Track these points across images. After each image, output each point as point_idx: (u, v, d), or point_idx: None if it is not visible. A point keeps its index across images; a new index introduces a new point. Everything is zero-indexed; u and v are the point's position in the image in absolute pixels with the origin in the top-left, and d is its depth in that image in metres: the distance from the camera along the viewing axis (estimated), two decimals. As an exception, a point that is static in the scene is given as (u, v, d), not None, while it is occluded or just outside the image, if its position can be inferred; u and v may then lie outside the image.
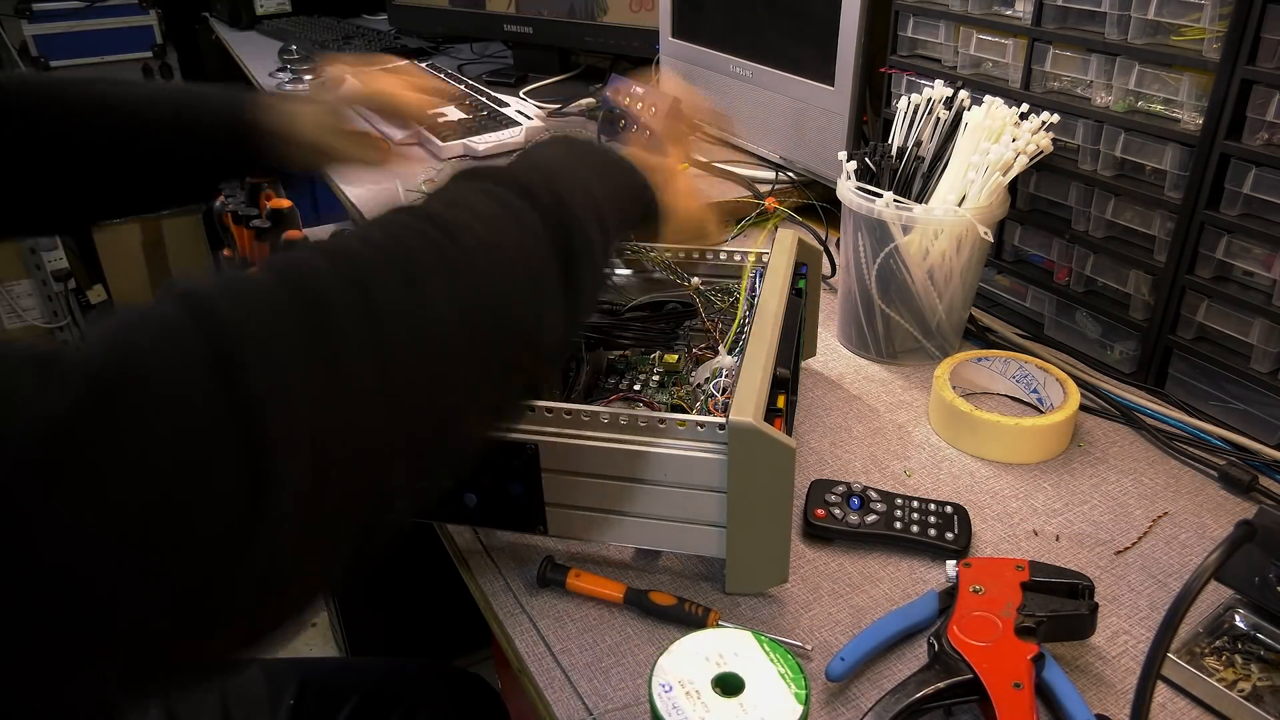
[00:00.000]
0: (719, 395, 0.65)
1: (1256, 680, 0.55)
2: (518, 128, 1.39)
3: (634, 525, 0.62)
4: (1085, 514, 0.71)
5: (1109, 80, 0.81)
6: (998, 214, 0.83)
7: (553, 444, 0.60)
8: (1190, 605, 0.42)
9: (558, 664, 0.59)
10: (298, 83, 1.76)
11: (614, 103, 0.94)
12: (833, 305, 0.98)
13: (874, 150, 0.90)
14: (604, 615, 0.63)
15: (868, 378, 0.89)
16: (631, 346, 0.74)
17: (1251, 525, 0.46)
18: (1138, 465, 0.76)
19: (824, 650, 0.59)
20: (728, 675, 0.49)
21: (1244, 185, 0.72)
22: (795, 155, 1.19)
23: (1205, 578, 0.43)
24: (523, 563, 0.67)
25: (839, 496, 0.69)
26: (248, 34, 2.29)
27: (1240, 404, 0.77)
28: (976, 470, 0.76)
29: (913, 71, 0.99)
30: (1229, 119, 0.72)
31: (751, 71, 1.22)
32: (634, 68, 1.61)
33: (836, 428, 0.81)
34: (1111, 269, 0.85)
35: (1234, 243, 0.74)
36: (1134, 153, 0.80)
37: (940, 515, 0.68)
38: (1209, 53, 0.73)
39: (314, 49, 1.94)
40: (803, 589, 0.64)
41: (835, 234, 1.05)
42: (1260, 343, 0.74)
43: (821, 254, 0.86)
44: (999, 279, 0.98)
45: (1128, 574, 0.65)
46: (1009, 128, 0.82)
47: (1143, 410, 0.81)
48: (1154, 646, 0.41)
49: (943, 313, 0.86)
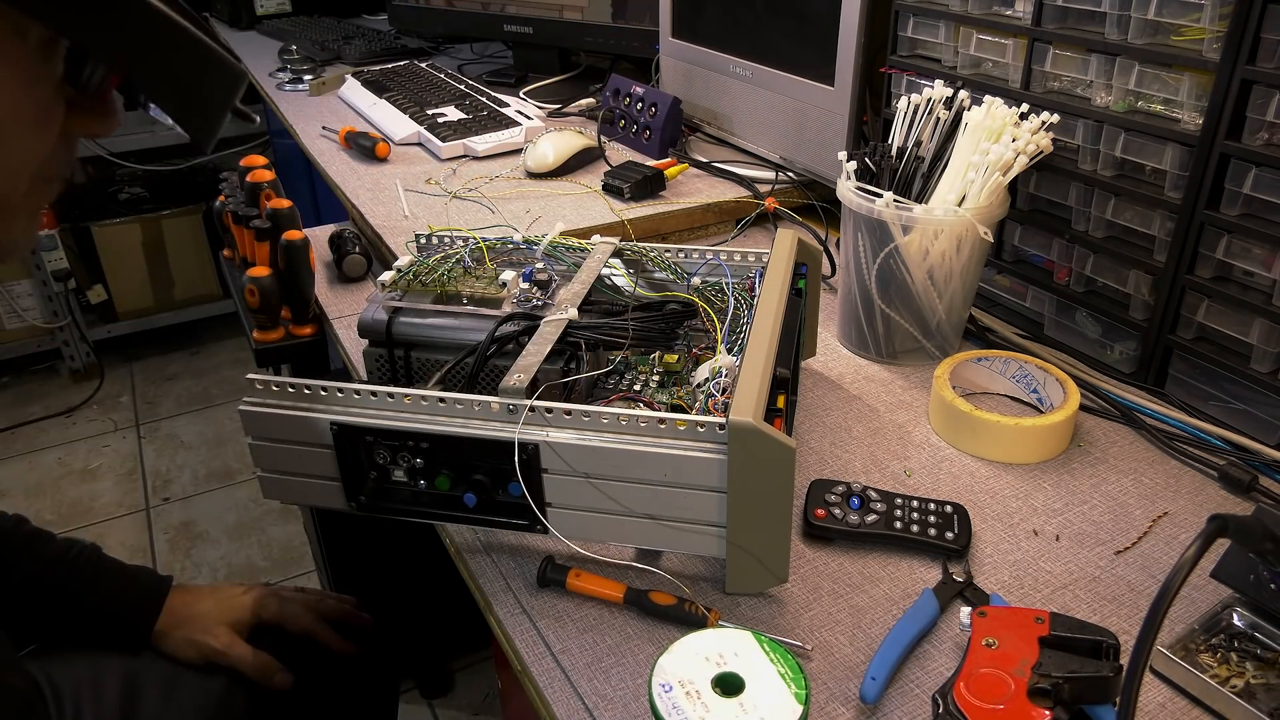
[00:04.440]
0: (719, 395, 0.65)
1: (1250, 677, 0.55)
2: (518, 128, 1.39)
3: (634, 525, 0.62)
4: (1085, 514, 0.71)
5: (1109, 80, 0.81)
6: (998, 214, 0.83)
7: (552, 444, 0.60)
8: (1172, 602, 0.42)
9: (558, 664, 0.59)
10: (297, 82, 1.76)
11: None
12: (833, 305, 0.98)
13: (874, 150, 0.90)
14: (604, 615, 0.63)
15: (868, 378, 0.89)
16: (631, 346, 0.74)
17: (1224, 520, 0.46)
18: (1138, 465, 0.76)
19: (824, 650, 0.60)
20: (728, 675, 0.49)
21: (1244, 185, 0.72)
22: (795, 155, 1.19)
23: (1183, 574, 0.43)
24: (523, 563, 0.67)
25: (839, 496, 0.69)
26: (248, 34, 2.29)
27: (1240, 404, 0.77)
28: (976, 470, 0.76)
29: (913, 71, 0.99)
30: (1229, 119, 0.72)
31: (751, 71, 1.22)
32: (634, 67, 1.61)
33: (836, 428, 0.81)
34: (1111, 269, 0.85)
35: (1234, 243, 0.74)
36: (1134, 153, 0.80)
37: (940, 515, 0.68)
38: (1209, 53, 0.73)
39: (314, 49, 1.94)
40: (803, 589, 0.64)
41: (835, 234, 1.05)
42: (1260, 343, 0.74)
43: (821, 254, 0.86)
44: (999, 279, 0.98)
45: (1128, 574, 0.65)
46: (1009, 128, 0.82)
47: (1143, 410, 0.81)
48: (1138, 643, 0.41)
49: (943, 313, 0.86)
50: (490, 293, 0.77)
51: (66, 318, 2.63)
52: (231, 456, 2.36)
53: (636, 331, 0.71)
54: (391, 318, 0.76)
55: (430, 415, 0.63)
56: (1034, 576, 0.65)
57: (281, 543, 2.07)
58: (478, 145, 1.33)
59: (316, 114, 1.58)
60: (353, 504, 0.67)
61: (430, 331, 0.76)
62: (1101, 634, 0.54)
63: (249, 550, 2.06)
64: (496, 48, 2.00)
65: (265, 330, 1.00)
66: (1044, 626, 0.54)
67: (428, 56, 1.94)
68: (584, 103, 1.54)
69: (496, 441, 0.61)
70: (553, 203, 1.18)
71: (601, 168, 1.27)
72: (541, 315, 0.71)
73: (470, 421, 0.62)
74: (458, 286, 0.77)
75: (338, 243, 1.11)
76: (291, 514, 2.13)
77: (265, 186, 1.09)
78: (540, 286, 0.78)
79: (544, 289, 0.78)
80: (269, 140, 2.68)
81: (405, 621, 1.56)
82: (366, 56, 1.91)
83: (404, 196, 1.20)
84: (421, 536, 0.81)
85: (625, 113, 1.36)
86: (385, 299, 0.78)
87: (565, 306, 0.72)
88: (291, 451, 0.66)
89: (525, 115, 1.44)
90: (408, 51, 1.95)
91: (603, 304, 0.77)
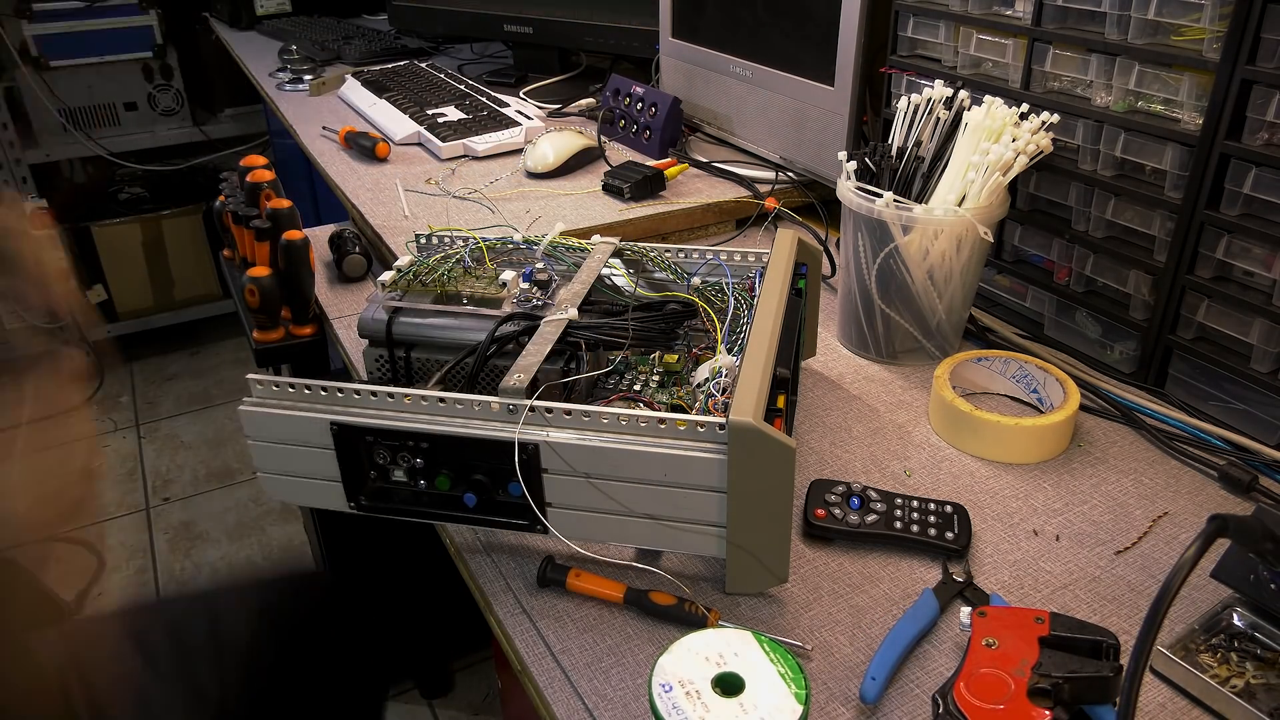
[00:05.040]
0: (719, 395, 0.65)
1: (1250, 677, 0.56)
2: (518, 128, 1.39)
3: (634, 525, 0.62)
4: (1085, 514, 0.71)
5: (1109, 80, 0.81)
6: (998, 214, 0.83)
7: (552, 444, 0.60)
8: (1172, 602, 0.42)
9: (558, 664, 0.59)
10: (297, 82, 1.76)
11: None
12: (833, 305, 0.98)
13: (874, 150, 0.90)
14: (604, 615, 0.63)
15: (868, 378, 0.89)
16: (631, 346, 0.74)
17: (1224, 520, 0.46)
18: (1138, 465, 0.76)
19: (824, 650, 0.60)
20: (728, 675, 0.49)
21: (1244, 185, 0.72)
22: (795, 155, 1.19)
23: (1183, 574, 0.43)
24: (523, 563, 0.67)
25: (839, 496, 0.69)
26: (248, 34, 2.29)
27: (1240, 404, 0.77)
28: (976, 470, 0.76)
29: (913, 71, 0.99)
30: (1229, 119, 0.72)
31: (751, 71, 1.22)
32: (634, 67, 1.61)
33: (836, 428, 0.81)
34: (1111, 269, 0.85)
35: (1234, 243, 0.74)
36: (1134, 153, 0.80)
37: (940, 515, 0.68)
38: (1209, 53, 0.73)
39: (314, 49, 1.94)
40: (803, 589, 0.64)
41: (835, 234, 1.05)
42: (1260, 343, 0.74)
43: (821, 254, 0.86)
44: (999, 279, 0.98)
45: (1128, 574, 0.65)
46: (1009, 128, 0.82)
47: (1143, 410, 0.81)
48: (1138, 643, 0.41)
49: (943, 313, 0.86)
50: (490, 293, 0.77)
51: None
52: (231, 456, 2.36)
53: (636, 331, 0.71)
54: (391, 318, 0.76)
55: (430, 415, 0.63)
56: (1034, 576, 0.65)
57: (281, 543, 2.07)
58: (478, 145, 1.33)
59: (316, 114, 1.58)
60: (353, 504, 0.67)
61: (430, 331, 0.76)
62: (1101, 634, 0.54)
63: (249, 550, 2.06)
64: (496, 48, 2.00)
65: (265, 330, 1.00)
66: (1044, 626, 0.54)
67: (428, 56, 1.94)
68: (584, 103, 1.54)
69: (496, 441, 0.61)
70: (553, 203, 1.18)
71: (601, 168, 1.27)
72: (541, 315, 0.71)
73: (470, 421, 0.62)
74: (458, 286, 0.77)
75: (338, 243, 1.11)
76: (291, 514, 2.13)
77: (265, 186, 1.09)
78: (540, 286, 0.78)
79: (544, 289, 0.78)
80: (269, 140, 2.68)
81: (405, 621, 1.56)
82: (366, 56, 1.91)
83: (404, 196, 1.20)
84: (421, 536, 0.81)
85: (625, 113, 1.36)
86: (385, 299, 0.78)
87: (565, 306, 0.72)
88: (291, 451, 0.66)
89: (525, 115, 1.44)
90: (408, 51, 1.95)
91: (603, 304, 0.77)
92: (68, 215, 2.61)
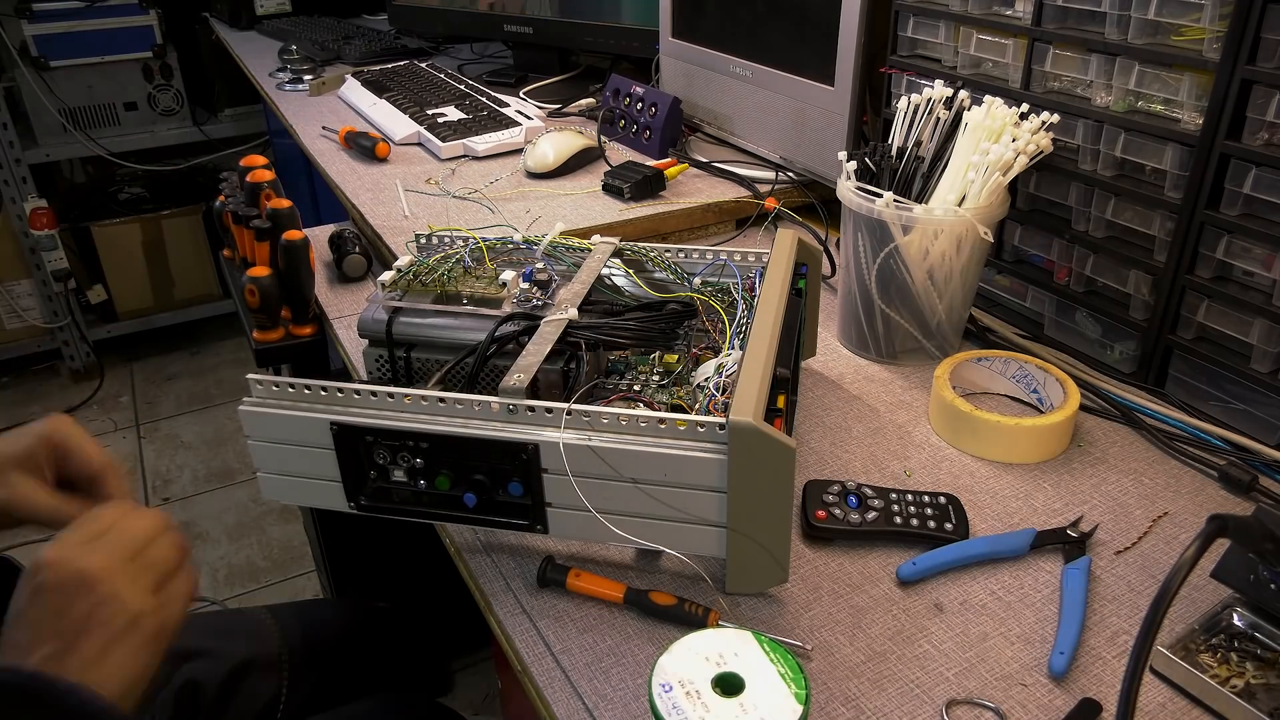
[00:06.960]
0: (719, 395, 0.65)
1: (1250, 677, 0.55)
2: (518, 128, 1.39)
3: (634, 525, 0.62)
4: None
5: (1109, 80, 0.81)
6: (998, 214, 0.83)
7: (553, 444, 0.60)
8: (1171, 602, 0.42)
9: (558, 664, 0.59)
10: (297, 82, 1.76)
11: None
12: (833, 305, 0.98)
13: (874, 150, 0.90)
14: (604, 615, 0.63)
15: (868, 378, 0.89)
16: (631, 346, 0.74)
17: (1224, 520, 0.46)
18: (1138, 465, 0.76)
19: (824, 650, 0.60)
20: (728, 675, 0.49)
21: (1244, 185, 0.72)
22: (795, 155, 1.19)
23: (1183, 574, 0.43)
24: (523, 563, 0.67)
25: (835, 496, 0.69)
26: (247, 34, 2.29)
27: (1240, 404, 0.77)
28: (976, 470, 0.76)
29: (913, 71, 0.99)
30: (1229, 119, 0.72)
31: (751, 71, 1.22)
32: (634, 67, 1.61)
33: (836, 428, 0.81)
34: (1111, 269, 0.85)
35: (1234, 243, 0.74)
36: (1134, 153, 0.80)
37: (935, 506, 0.68)
38: (1209, 53, 0.73)
39: (314, 49, 1.94)
40: (803, 589, 0.64)
41: (835, 234, 1.05)
42: (1260, 343, 0.74)
43: (821, 254, 0.86)
44: (999, 279, 0.98)
45: (1128, 574, 0.65)
46: (1009, 128, 0.82)
47: (1143, 410, 0.81)
48: (1138, 643, 0.42)
49: (943, 313, 0.86)
50: (490, 293, 0.77)
51: (66, 318, 2.63)
52: (231, 456, 2.36)
53: (636, 331, 0.71)
54: (391, 318, 0.76)
55: (430, 415, 0.63)
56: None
57: (281, 543, 2.07)
58: (478, 145, 1.33)
59: (316, 114, 1.58)
60: (353, 504, 0.67)
61: (430, 331, 0.76)
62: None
63: (249, 550, 2.06)
64: (496, 48, 2.00)
65: (265, 330, 1.00)
66: None
67: (428, 56, 1.94)
68: (584, 103, 1.54)
69: (496, 441, 0.61)
70: (553, 203, 1.18)
71: (601, 168, 1.27)
72: (541, 315, 0.71)
73: (470, 421, 0.62)
74: (458, 286, 0.77)
75: (338, 243, 1.11)
76: (291, 514, 2.13)
77: (265, 186, 1.09)
78: (540, 286, 0.78)
79: (544, 289, 0.78)
80: (269, 140, 2.68)
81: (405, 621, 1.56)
82: (366, 56, 1.91)
83: (404, 196, 1.20)
84: (421, 536, 0.81)
85: (625, 113, 1.36)
86: (385, 299, 0.78)
87: (565, 306, 0.72)
88: (291, 451, 0.66)
89: (525, 115, 1.44)
90: (408, 51, 1.95)
91: (603, 304, 0.77)
92: (68, 215, 2.62)
